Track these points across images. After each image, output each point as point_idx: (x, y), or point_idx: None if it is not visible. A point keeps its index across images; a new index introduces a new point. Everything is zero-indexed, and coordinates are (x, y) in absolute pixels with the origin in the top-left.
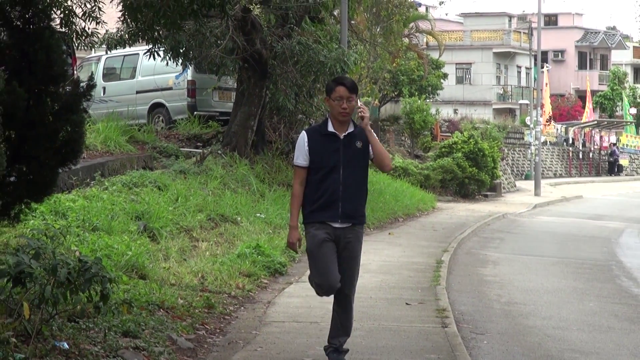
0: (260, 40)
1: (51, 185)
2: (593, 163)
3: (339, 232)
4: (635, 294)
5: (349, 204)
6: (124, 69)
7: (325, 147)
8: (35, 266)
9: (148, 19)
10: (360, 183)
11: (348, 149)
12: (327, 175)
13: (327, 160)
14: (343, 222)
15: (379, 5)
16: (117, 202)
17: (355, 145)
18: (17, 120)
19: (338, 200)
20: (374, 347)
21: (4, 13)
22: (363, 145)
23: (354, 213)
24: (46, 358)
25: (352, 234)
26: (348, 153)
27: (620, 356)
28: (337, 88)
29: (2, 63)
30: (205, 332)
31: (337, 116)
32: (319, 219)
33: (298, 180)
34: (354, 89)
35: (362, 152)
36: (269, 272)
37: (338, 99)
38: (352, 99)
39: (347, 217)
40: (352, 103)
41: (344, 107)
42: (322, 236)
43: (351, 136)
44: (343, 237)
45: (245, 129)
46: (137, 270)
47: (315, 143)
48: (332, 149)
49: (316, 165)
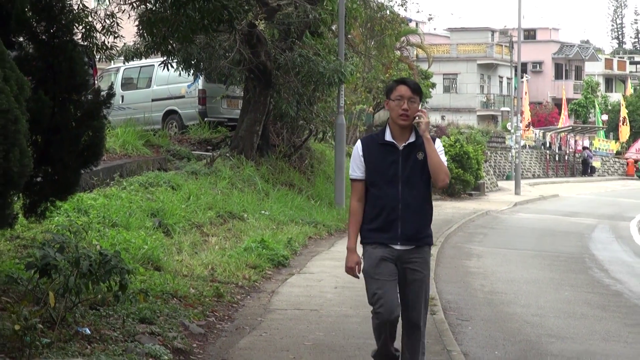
0: (264, 53)
1: (74, 185)
2: (568, 165)
3: (401, 253)
4: (607, 284)
5: (409, 224)
6: (140, 79)
7: (381, 158)
8: (59, 259)
9: (162, 33)
10: (423, 200)
11: (408, 161)
12: (385, 191)
13: (383, 173)
14: (404, 245)
15: (373, 20)
16: (134, 201)
17: (416, 157)
18: (42, 125)
19: (397, 220)
20: (368, 332)
21: (31, 28)
22: (425, 157)
23: (415, 234)
24: (70, 342)
25: (416, 256)
26: (408, 166)
27: (592, 341)
28: (398, 87)
29: (29, 73)
30: (215, 318)
31: (397, 119)
32: (378, 240)
33: (356, 195)
34: (417, 90)
35: (423, 165)
36: (272, 264)
37: (398, 98)
38: (415, 101)
39: (408, 239)
40: (415, 105)
41: (405, 107)
42: (379, 254)
43: (412, 147)
44: (405, 260)
45: (251, 134)
46: (152, 262)
47: (371, 153)
48: (390, 161)
49: (372, 178)
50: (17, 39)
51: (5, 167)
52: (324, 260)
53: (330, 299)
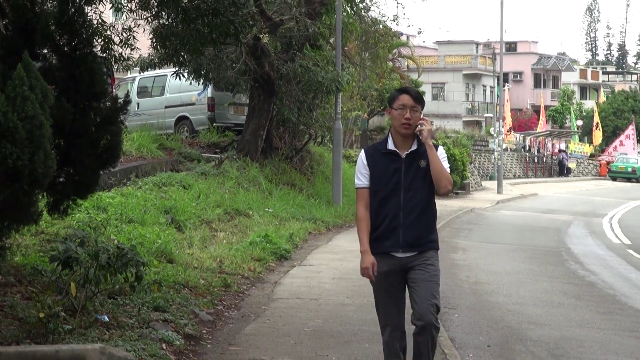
0: (268, 64)
1: (94, 184)
2: (546, 166)
3: (405, 261)
4: (581, 275)
5: (411, 231)
6: (154, 88)
7: (384, 167)
8: (80, 252)
9: (174, 45)
10: (425, 207)
11: (410, 169)
12: (387, 198)
13: (386, 181)
14: (406, 252)
15: (367, 34)
16: (149, 199)
17: (418, 165)
18: (65, 130)
19: (399, 227)
20: (363, 319)
21: (54, 41)
22: (427, 165)
23: (417, 241)
24: (90, 329)
25: (420, 260)
26: (410, 174)
27: (568, 327)
28: (401, 96)
29: (53, 83)
30: (223, 307)
31: (399, 129)
32: (381, 250)
33: (362, 203)
34: (419, 99)
35: (426, 173)
36: (275, 257)
37: (401, 107)
38: (417, 110)
39: (410, 246)
40: (417, 114)
41: (407, 117)
42: (383, 270)
43: (414, 155)
44: (410, 266)
45: (256, 138)
46: (165, 255)
47: (374, 162)
48: (393, 170)
49: (375, 187)
50: (41, 51)
51: (31, 169)
52: (323, 254)
53: (329, 289)
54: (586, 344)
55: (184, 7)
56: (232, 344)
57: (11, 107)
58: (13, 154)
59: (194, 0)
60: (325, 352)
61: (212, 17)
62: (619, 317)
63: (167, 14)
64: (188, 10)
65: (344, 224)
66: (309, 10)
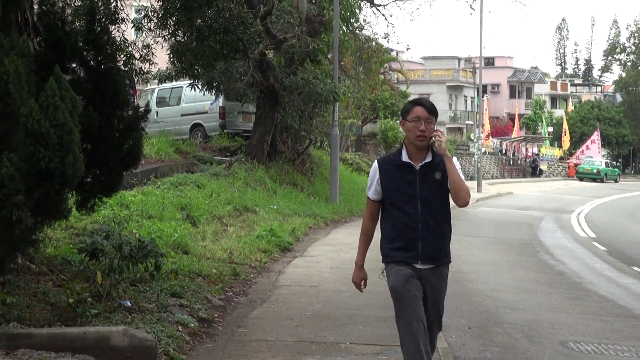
0: (273, 77)
1: (117, 184)
2: (520, 168)
3: (422, 272)
4: (552, 265)
5: (429, 244)
6: (172, 98)
7: (399, 179)
8: (106, 244)
9: (189, 60)
10: (441, 219)
11: (425, 181)
12: (404, 211)
13: (402, 194)
14: (424, 264)
15: (361, 50)
16: (166, 197)
17: (433, 177)
18: (92, 136)
19: (417, 239)
20: (358, 305)
21: (82, 56)
22: (442, 177)
23: (436, 253)
24: (114, 313)
25: (436, 276)
26: (425, 186)
27: (540, 311)
28: (415, 108)
29: (81, 93)
30: (232, 293)
31: (414, 141)
32: (401, 259)
33: (368, 213)
34: (433, 111)
35: (441, 185)
36: (279, 249)
37: (415, 119)
38: (431, 122)
39: (429, 258)
40: (431, 126)
41: (422, 129)
42: (407, 271)
43: (429, 166)
44: (425, 279)
45: (262, 143)
46: (181, 247)
47: (388, 175)
48: (407, 182)
49: (391, 199)
50: (70, 66)
51: (62, 170)
52: (322, 246)
53: (327, 278)
54: (556, 326)
55: (197, 26)
56: (241, 327)
57: (44, 115)
58: (46, 157)
59: (207, 20)
60: (323, 333)
61: (223, 35)
62: (585, 302)
63: (183, 32)
64: (201, 29)
65: (341, 220)
66: (309, 29)
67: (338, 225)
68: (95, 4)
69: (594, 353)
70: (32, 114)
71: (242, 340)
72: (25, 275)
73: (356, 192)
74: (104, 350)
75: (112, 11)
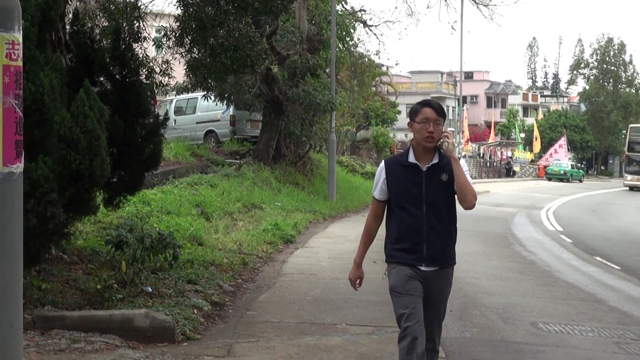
0: (277, 89)
1: (140, 184)
2: (496, 169)
3: (426, 274)
4: (524, 255)
5: (434, 246)
6: (188, 107)
7: (405, 180)
8: (129, 237)
9: (203, 74)
10: (447, 221)
11: (432, 182)
12: (409, 212)
13: (407, 195)
14: (429, 266)
15: (355, 65)
16: (183, 195)
17: (440, 178)
18: (117, 141)
19: (422, 241)
20: (352, 290)
21: (109, 71)
22: (449, 178)
23: (440, 256)
24: (136, 297)
25: (440, 278)
26: (432, 187)
27: (514, 296)
28: (423, 109)
29: (107, 103)
30: (242, 280)
31: (422, 142)
32: (404, 261)
33: (372, 212)
34: (441, 112)
35: (447, 186)
36: (283, 241)
37: (424, 121)
38: (440, 123)
39: (433, 261)
40: (440, 128)
41: (431, 130)
42: (408, 272)
43: (436, 168)
44: (429, 281)
45: (268, 147)
46: (196, 239)
47: (394, 175)
48: (413, 183)
49: (396, 200)
50: (98, 79)
51: (90, 171)
52: (321, 238)
53: (325, 266)
54: (527, 309)
55: (211, 44)
56: (249, 310)
57: (75, 123)
58: (76, 160)
59: (219, 39)
60: (322, 315)
61: (233, 52)
62: (553, 288)
63: (198, 50)
64: (214, 46)
65: (337, 215)
66: (309, 47)
67: (335, 220)
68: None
69: (561, 333)
70: (65, 122)
71: (250, 321)
72: (59, 264)
73: (351, 190)
74: (128, 330)
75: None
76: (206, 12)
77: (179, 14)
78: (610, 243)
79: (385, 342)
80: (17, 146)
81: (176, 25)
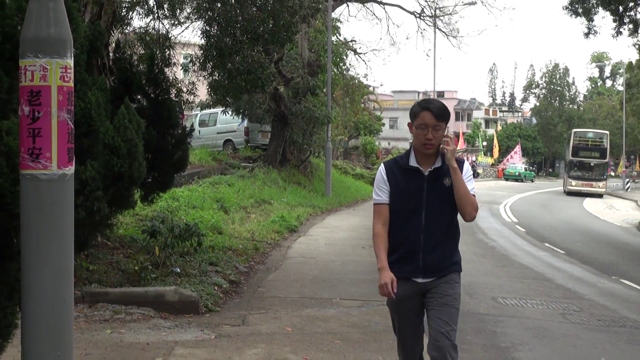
0: (283, 105)
1: (170, 183)
2: None
3: (423, 286)
4: (485, 242)
5: (431, 256)
6: (210, 120)
7: (405, 184)
8: (162, 227)
9: (222, 93)
10: (448, 229)
11: (434, 187)
12: (407, 219)
13: (407, 201)
14: (426, 277)
15: (347, 86)
16: (206, 193)
17: (442, 184)
18: (151, 148)
19: (419, 251)
20: (345, 271)
21: (145, 90)
22: (452, 183)
23: (437, 266)
24: (167, 277)
25: (442, 284)
26: (433, 193)
27: (477, 275)
28: (422, 114)
29: (144, 117)
30: (254, 263)
31: (421, 148)
32: (400, 274)
33: (380, 219)
34: (442, 116)
35: (450, 191)
36: (288, 230)
37: (422, 127)
38: (439, 128)
39: (430, 272)
40: (439, 133)
41: (429, 137)
42: (401, 293)
43: (438, 172)
44: (430, 289)
45: (276, 153)
46: (216, 229)
47: (395, 179)
48: (415, 188)
49: (394, 206)
50: (136, 97)
51: (129, 173)
52: (319, 228)
53: (323, 251)
54: (489, 286)
55: (228, 68)
56: (260, 287)
57: (117, 133)
58: (118, 164)
59: (235, 64)
60: (320, 292)
61: (247, 75)
62: (510, 269)
63: (218, 73)
64: (231, 70)
65: (333, 209)
66: (309, 71)
67: (331, 213)
68: (155, 53)
69: (517, 306)
70: (108, 132)
71: (261, 296)
72: (103, 249)
73: (344, 189)
74: (160, 304)
75: (167, 57)
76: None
77: (203, 43)
78: (557, 232)
79: (372, 313)
80: (69, 152)
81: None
